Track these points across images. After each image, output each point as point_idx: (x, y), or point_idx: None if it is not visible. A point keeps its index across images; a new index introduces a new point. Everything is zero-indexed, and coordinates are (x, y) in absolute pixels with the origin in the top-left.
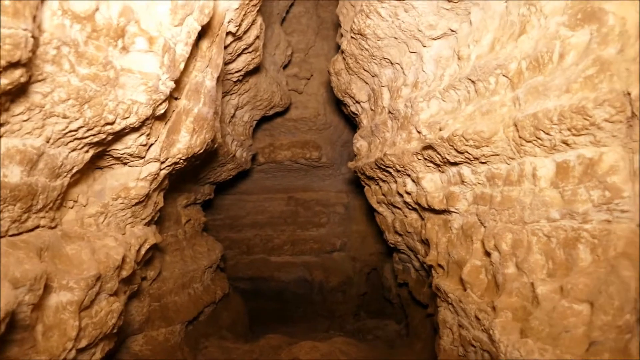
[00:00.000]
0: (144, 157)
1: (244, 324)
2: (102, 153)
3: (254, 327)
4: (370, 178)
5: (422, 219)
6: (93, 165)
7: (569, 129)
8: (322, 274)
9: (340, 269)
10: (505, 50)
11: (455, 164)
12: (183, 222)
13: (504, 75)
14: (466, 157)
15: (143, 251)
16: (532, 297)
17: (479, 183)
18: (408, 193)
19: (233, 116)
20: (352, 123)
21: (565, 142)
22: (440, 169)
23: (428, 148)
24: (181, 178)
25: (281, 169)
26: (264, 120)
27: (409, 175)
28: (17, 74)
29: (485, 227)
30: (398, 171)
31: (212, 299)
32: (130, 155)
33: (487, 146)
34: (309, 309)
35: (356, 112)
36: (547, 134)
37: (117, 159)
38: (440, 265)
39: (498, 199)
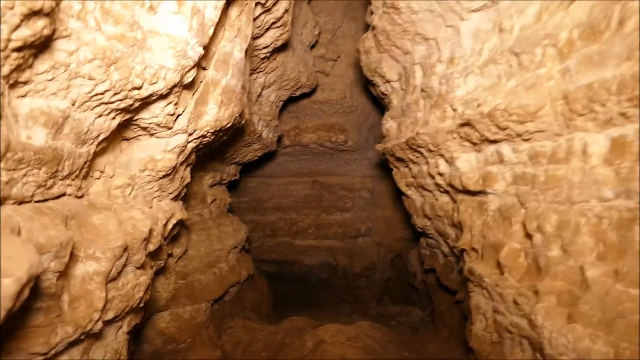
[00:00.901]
0: (171, 128)
1: (268, 306)
2: (128, 122)
3: (277, 309)
4: (400, 160)
5: (454, 201)
6: (120, 136)
7: (629, 100)
8: (346, 258)
9: (365, 254)
10: (553, 20)
11: (494, 142)
12: (209, 201)
13: (552, 46)
14: (507, 134)
15: (170, 226)
16: (580, 281)
17: (520, 162)
18: (440, 174)
19: (259, 95)
20: (379, 106)
21: (623, 115)
22: (476, 148)
23: (465, 125)
24: (208, 155)
25: (306, 152)
26: (290, 101)
27: (442, 156)
28: (40, 25)
29: (526, 208)
30: (430, 151)
31: (237, 279)
32: (158, 125)
33: (531, 121)
34: (332, 293)
35: (385, 93)
36: (603, 105)
37: (144, 129)
38: (474, 249)
39: (542, 179)
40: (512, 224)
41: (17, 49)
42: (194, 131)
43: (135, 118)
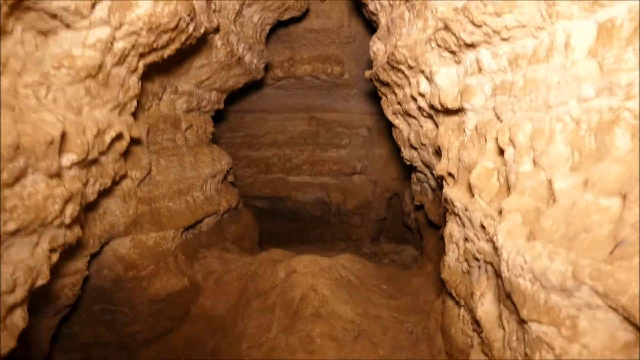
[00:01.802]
0: (86, 17)
1: (252, 240)
2: (29, 8)
3: (267, 245)
4: (385, 85)
5: (437, 126)
6: (31, 29)
7: None
8: (340, 196)
9: (360, 192)
10: None
11: (472, 45)
12: (183, 127)
13: None
14: (485, 34)
15: (107, 139)
16: (548, 195)
17: (499, 70)
18: (422, 95)
19: (239, 13)
20: None
21: None
22: (456, 57)
23: (441, 29)
24: (174, 74)
25: (302, 85)
26: (281, 28)
27: (422, 72)
28: None
29: (501, 121)
30: (411, 68)
31: (213, 210)
32: (66, 10)
33: (510, 12)
34: (326, 231)
35: (375, 12)
36: None
37: (54, 17)
38: (450, 174)
39: (520, 84)
40: (487, 141)
41: None
42: (121, 25)
43: (37, 1)
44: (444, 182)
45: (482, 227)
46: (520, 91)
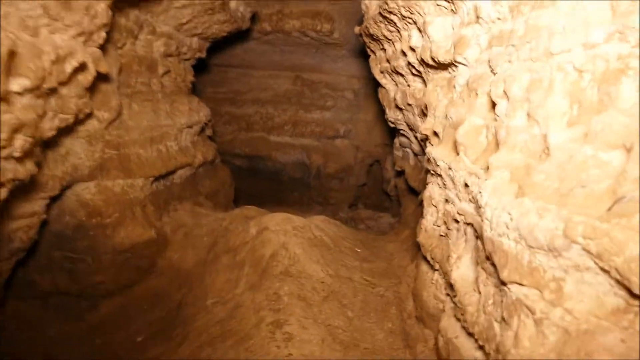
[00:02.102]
0: None
1: (228, 196)
2: None
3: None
4: (376, 40)
5: (425, 84)
6: None
7: None
8: (321, 158)
9: (341, 157)
10: None
11: None
12: (160, 72)
13: None
14: None
15: (68, 69)
16: (541, 150)
17: (498, 19)
18: (413, 49)
19: None
20: None
21: None
22: (453, 6)
23: None
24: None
25: (289, 42)
26: None
27: (415, 23)
28: None
29: (495, 74)
30: (404, 18)
31: (188, 162)
32: None
33: None
34: (305, 193)
35: None
36: None
37: None
38: (435, 134)
39: (520, 32)
40: (479, 96)
41: None
42: None
43: None
44: (427, 143)
45: (466, 186)
46: (519, 40)
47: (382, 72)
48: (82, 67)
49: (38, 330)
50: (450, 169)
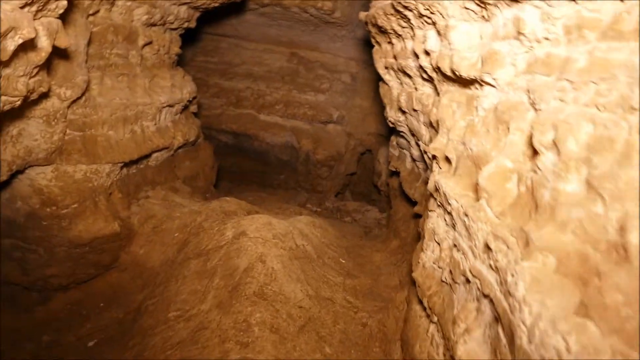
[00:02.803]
0: None
1: (208, 179)
2: None
3: (227, 185)
4: (383, 32)
5: (437, 94)
6: None
7: None
8: (311, 143)
9: (332, 143)
10: None
11: (516, 0)
12: (140, 43)
13: None
14: None
15: (11, 46)
16: (611, 244)
17: (546, 39)
18: (427, 53)
19: None
20: None
21: None
22: (485, 12)
23: None
24: None
25: (287, 17)
26: None
27: (434, 24)
28: None
29: (538, 110)
30: (421, 16)
31: (165, 144)
32: None
33: None
34: (291, 178)
35: None
36: None
37: None
38: (447, 159)
39: (580, 64)
40: (510, 131)
41: None
42: None
43: None
44: (435, 165)
45: (487, 247)
46: (579, 75)
47: (386, 68)
48: (31, 43)
49: None
50: (466, 215)
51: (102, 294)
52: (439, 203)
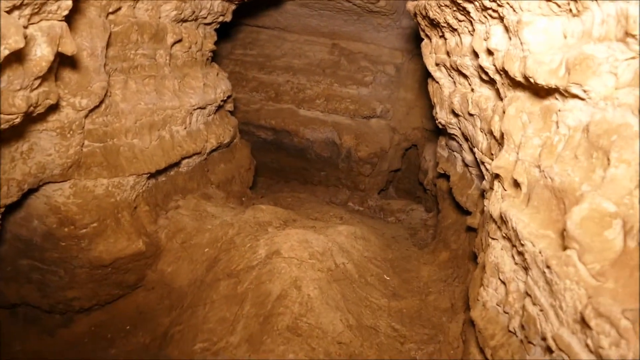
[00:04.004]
0: None
1: (245, 182)
2: None
3: (266, 182)
4: (434, 25)
5: (500, 98)
6: None
7: None
8: (353, 140)
9: (376, 139)
10: None
11: None
12: (169, 41)
13: None
14: None
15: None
16: None
17: None
18: (490, 52)
19: None
20: None
21: None
22: (574, 5)
23: None
24: None
25: (329, 6)
26: None
27: (500, 19)
28: None
29: None
30: (485, 9)
31: (197, 149)
32: None
33: None
34: (332, 174)
35: None
36: None
37: None
38: (516, 183)
39: None
40: (611, 163)
41: None
42: None
43: None
44: (497, 184)
45: (584, 322)
46: None
47: (437, 65)
48: (25, 52)
49: (2, 343)
50: (548, 267)
51: (127, 316)
52: (504, 235)
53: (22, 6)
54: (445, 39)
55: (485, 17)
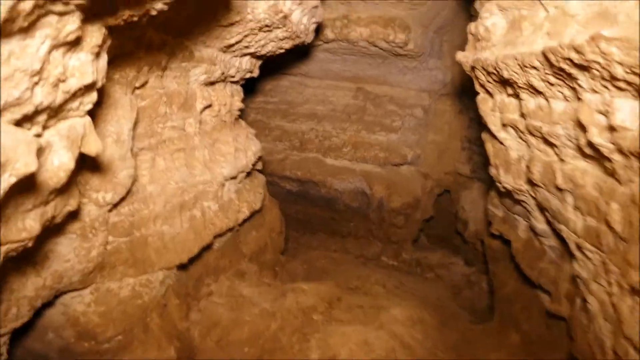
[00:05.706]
0: None
1: (277, 249)
2: None
3: (294, 236)
4: (504, 83)
5: (619, 182)
6: None
7: None
8: (384, 190)
9: (408, 188)
10: None
11: None
12: (199, 107)
13: None
14: None
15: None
16: None
17: None
18: (613, 129)
19: None
20: None
21: None
22: None
23: None
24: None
25: (353, 51)
26: None
27: (630, 88)
28: None
29: None
30: (614, 79)
31: (230, 224)
32: None
33: None
34: (362, 225)
35: None
36: None
37: None
38: None
39: None
40: None
41: None
42: None
43: None
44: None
45: None
46: None
47: (504, 125)
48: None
49: None
50: None
51: None
52: None
53: (36, 114)
54: (520, 100)
55: (604, 86)
